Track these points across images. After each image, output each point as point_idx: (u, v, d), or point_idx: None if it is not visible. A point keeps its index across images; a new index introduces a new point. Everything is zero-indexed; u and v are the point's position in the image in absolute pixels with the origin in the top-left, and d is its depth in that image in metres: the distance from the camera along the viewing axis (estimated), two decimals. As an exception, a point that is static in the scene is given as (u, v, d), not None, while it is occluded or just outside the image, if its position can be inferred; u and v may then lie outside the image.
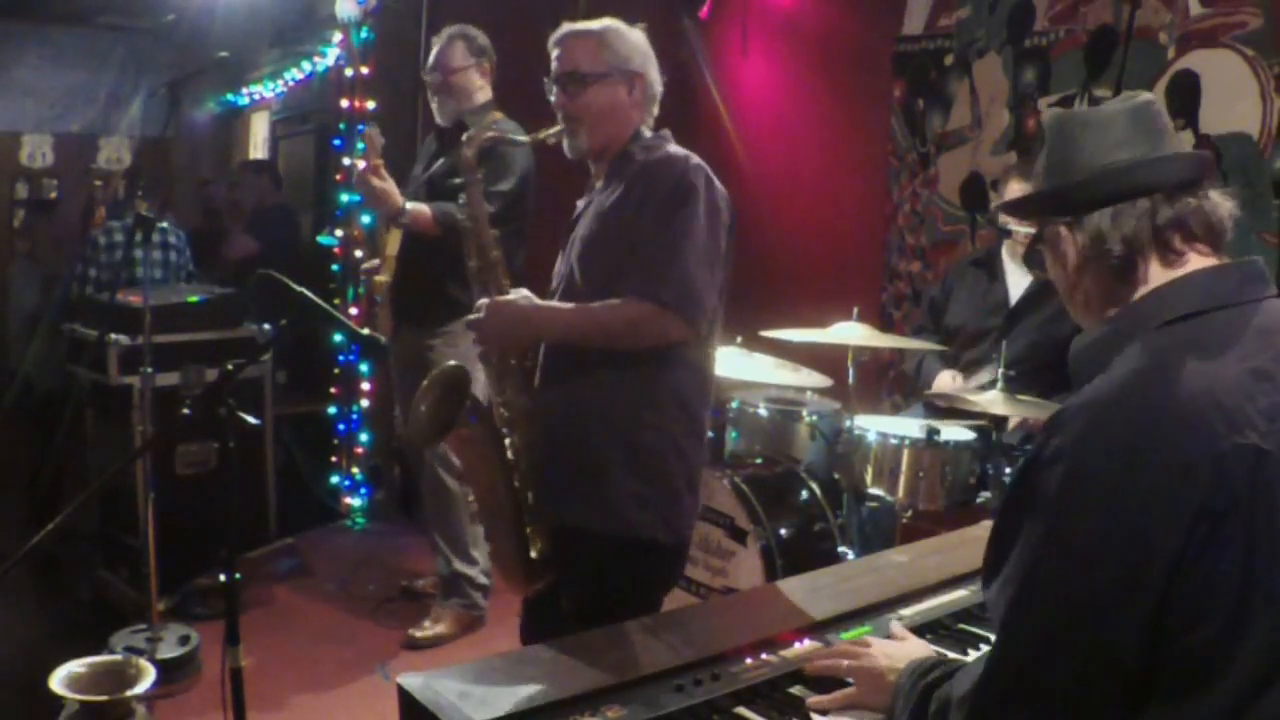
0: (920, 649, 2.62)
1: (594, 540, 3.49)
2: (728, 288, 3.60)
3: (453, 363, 3.68)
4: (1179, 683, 1.88)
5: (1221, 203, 2.19)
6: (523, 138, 4.21)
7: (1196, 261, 2.15)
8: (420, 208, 5.57)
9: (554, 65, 3.73)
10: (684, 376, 3.55)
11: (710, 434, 3.86)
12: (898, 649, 2.59)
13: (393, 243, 5.99)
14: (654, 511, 3.49)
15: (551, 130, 3.73)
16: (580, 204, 3.86)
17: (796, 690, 2.58)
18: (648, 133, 3.76)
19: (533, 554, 3.57)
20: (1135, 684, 1.90)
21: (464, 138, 3.80)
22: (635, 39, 3.74)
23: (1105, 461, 1.90)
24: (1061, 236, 2.25)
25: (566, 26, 3.76)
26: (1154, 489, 1.85)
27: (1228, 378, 1.93)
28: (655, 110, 3.81)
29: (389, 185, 5.49)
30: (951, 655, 2.79)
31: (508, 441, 3.59)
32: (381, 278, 6.00)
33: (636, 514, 3.47)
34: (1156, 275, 2.15)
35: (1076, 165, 2.22)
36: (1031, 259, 2.85)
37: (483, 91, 6.00)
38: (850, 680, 2.53)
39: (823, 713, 2.46)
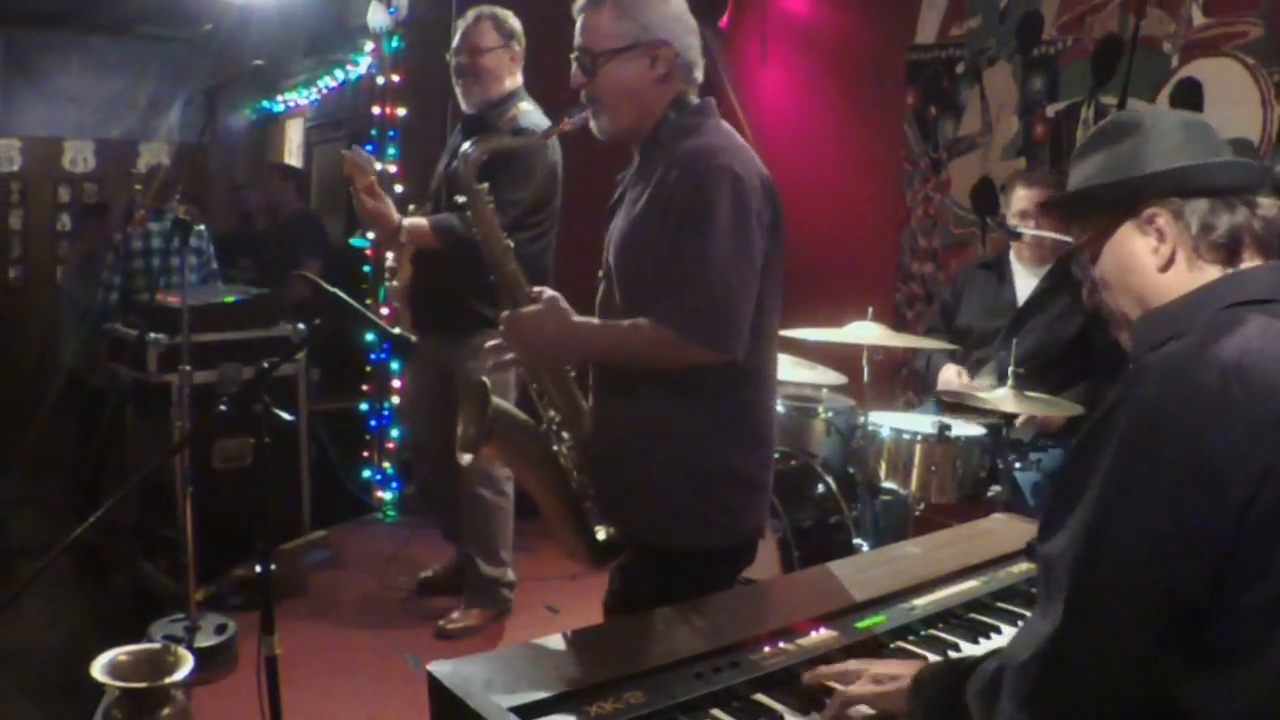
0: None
1: (652, 551, 3.37)
2: (780, 283, 3.36)
3: (479, 379, 3.62)
4: (1233, 646, 1.90)
5: (1270, 209, 2.22)
6: (523, 139, 4.03)
7: (1255, 260, 2.18)
8: (418, 223, 5.38)
9: (576, 38, 3.39)
10: (732, 386, 3.29)
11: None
12: (904, 663, 2.56)
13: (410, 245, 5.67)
14: (707, 522, 3.31)
15: (572, 116, 3.43)
16: (619, 178, 3.58)
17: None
18: (693, 100, 3.41)
19: (600, 537, 3.45)
20: (1195, 640, 1.92)
21: (460, 153, 3.58)
22: (663, 3, 3.34)
23: (1183, 412, 1.92)
24: (1158, 218, 2.22)
25: None
26: (1226, 441, 1.88)
27: None
28: (698, 75, 3.42)
29: (381, 205, 5.29)
30: (964, 645, 2.80)
31: (564, 436, 3.49)
32: (395, 282, 5.80)
33: (691, 527, 3.30)
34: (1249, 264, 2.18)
35: (1177, 157, 2.23)
36: (1079, 254, 2.78)
37: (512, 78, 5.72)
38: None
39: (777, 713, 2.44)
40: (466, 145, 3.56)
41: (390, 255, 5.87)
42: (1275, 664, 1.87)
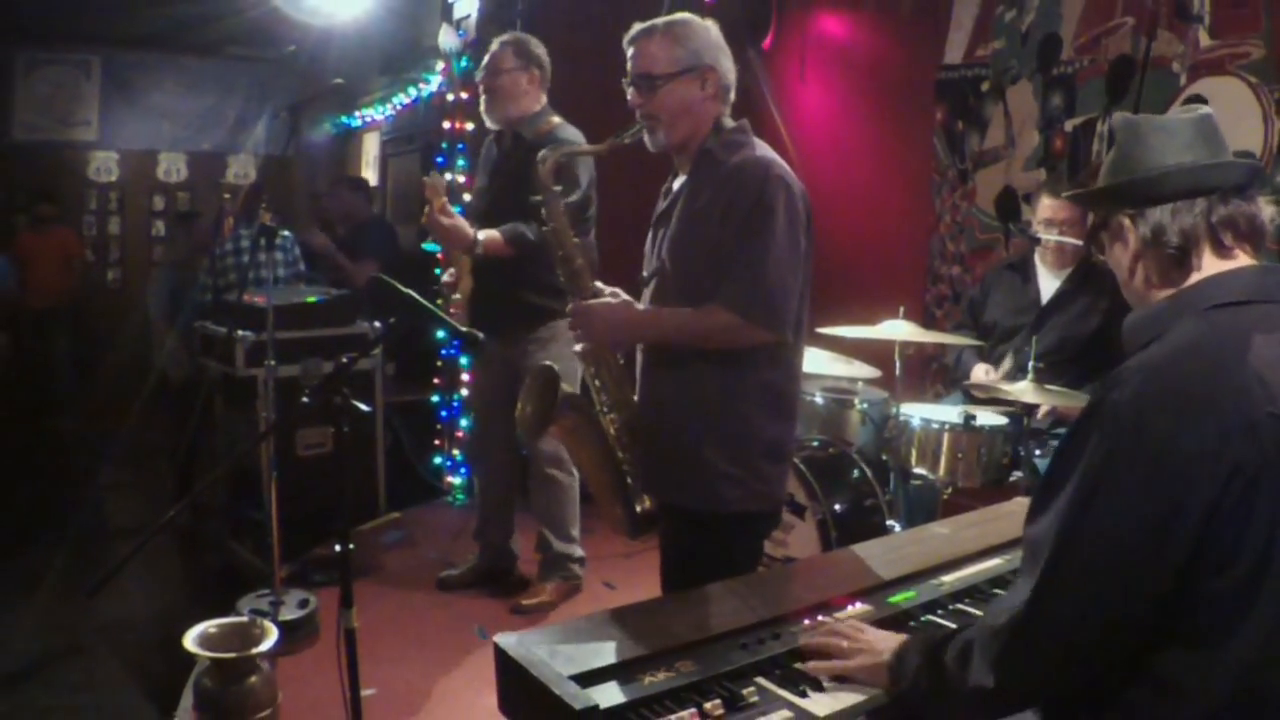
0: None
1: (694, 516, 3.46)
2: (810, 279, 3.47)
3: (545, 363, 3.67)
4: (1207, 626, 1.92)
5: (1266, 208, 2.22)
6: (595, 147, 4.08)
7: (1243, 259, 2.18)
8: (492, 235, 5.40)
9: (629, 65, 3.56)
10: (770, 368, 3.44)
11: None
12: (890, 634, 2.57)
13: (468, 259, 5.77)
14: (745, 488, 3.42)
15: (630, 131, 3.57)
16: (664, 191, 3.73)
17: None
18: (729, 122, 3.57)
19: (638, 509, 3.58)
20: (1165, 619, 1.95)
21: (539, 156, 3.68)
22: (706, 32, 3.55)
23: (1157, 415, 1.94)
24: (1125, 226, 2.26)
25: (638, 25, 3.57)
26: (1198, 442, 1.90)
27: (1268, 357, 1.97)
28: (731, 97, 3.60)
29: (457, 221, 5.33)
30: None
31: (611, 417, 3.60)
32: (456, 295, 5.81)
33: (729, 491, 3.41)
34: (1209, 265, 2.18)
35: (1143, 163, 2.23)
36: (1093, 243, 2.82)
37: (529, 97, 5.73)
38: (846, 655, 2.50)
39: (816, 679, 2.44)
40: (544, 151, 3.70)
41: (449, 272, 5.88)
42: (1248, 644, 1.90)
